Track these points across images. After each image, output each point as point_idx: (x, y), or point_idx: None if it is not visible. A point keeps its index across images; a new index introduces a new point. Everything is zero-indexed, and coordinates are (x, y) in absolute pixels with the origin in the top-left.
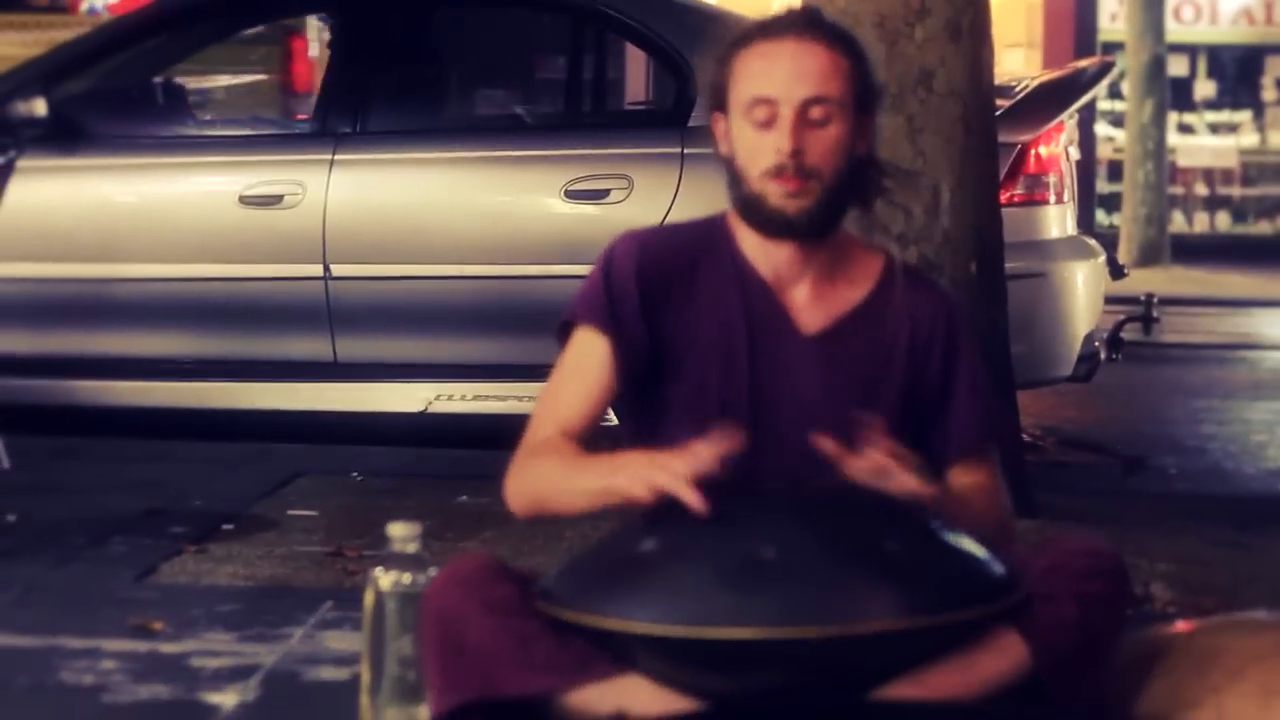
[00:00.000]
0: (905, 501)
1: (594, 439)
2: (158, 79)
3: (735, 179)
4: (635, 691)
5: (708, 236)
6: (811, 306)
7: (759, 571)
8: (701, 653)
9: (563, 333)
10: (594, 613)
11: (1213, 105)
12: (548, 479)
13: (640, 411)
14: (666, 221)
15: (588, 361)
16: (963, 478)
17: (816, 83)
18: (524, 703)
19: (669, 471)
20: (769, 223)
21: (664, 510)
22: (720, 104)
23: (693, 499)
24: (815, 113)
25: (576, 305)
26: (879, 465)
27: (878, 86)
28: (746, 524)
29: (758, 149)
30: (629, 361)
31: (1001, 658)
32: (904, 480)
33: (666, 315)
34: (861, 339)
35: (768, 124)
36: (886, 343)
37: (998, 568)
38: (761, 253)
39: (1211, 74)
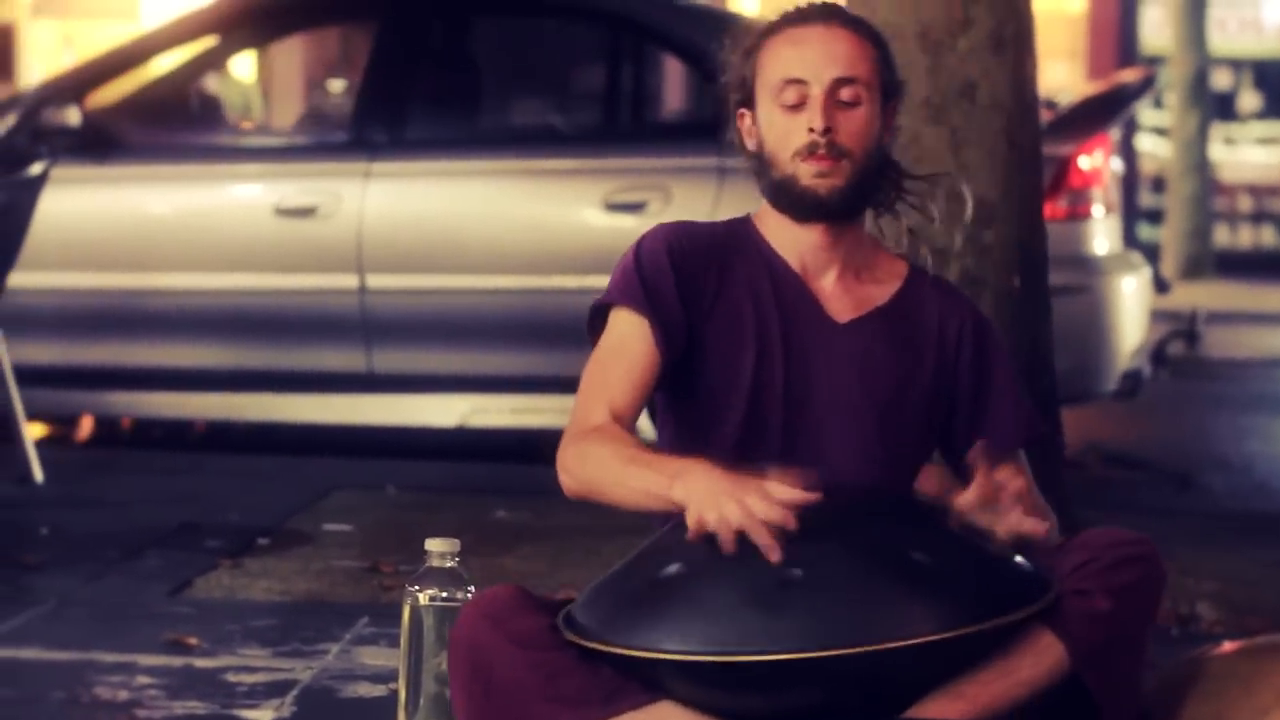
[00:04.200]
0: (928, 505)
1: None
2: (193, 88)
3: (764, 167)
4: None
5: (733, 234)
6: (840, 297)
7: (787, 592)
8: (733, 677)
9: (595, 319)
10: (622, 642)
11: (1258, 118)
12: (603, 467)
13: (673, 399)
14: None
15: (630, 343)
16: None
17: (845, 64)
18: None
19: (743, 509)
20: (800, 203)
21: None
22: (746, 99)
23: (769, 543)
24: (845, 93)
25: (610, 289)
26: (988, 495)
27: (900, 79)
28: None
29: (788, 131)
30: (669, 340)
31: (1039, 659)
32: (1015, 518)
33: (700, 297)
34: (890, 336)
35: (798, 106)
36: (915, 343)
37: (1027, 570)
38: (789, 241)
39: (1256, 86)
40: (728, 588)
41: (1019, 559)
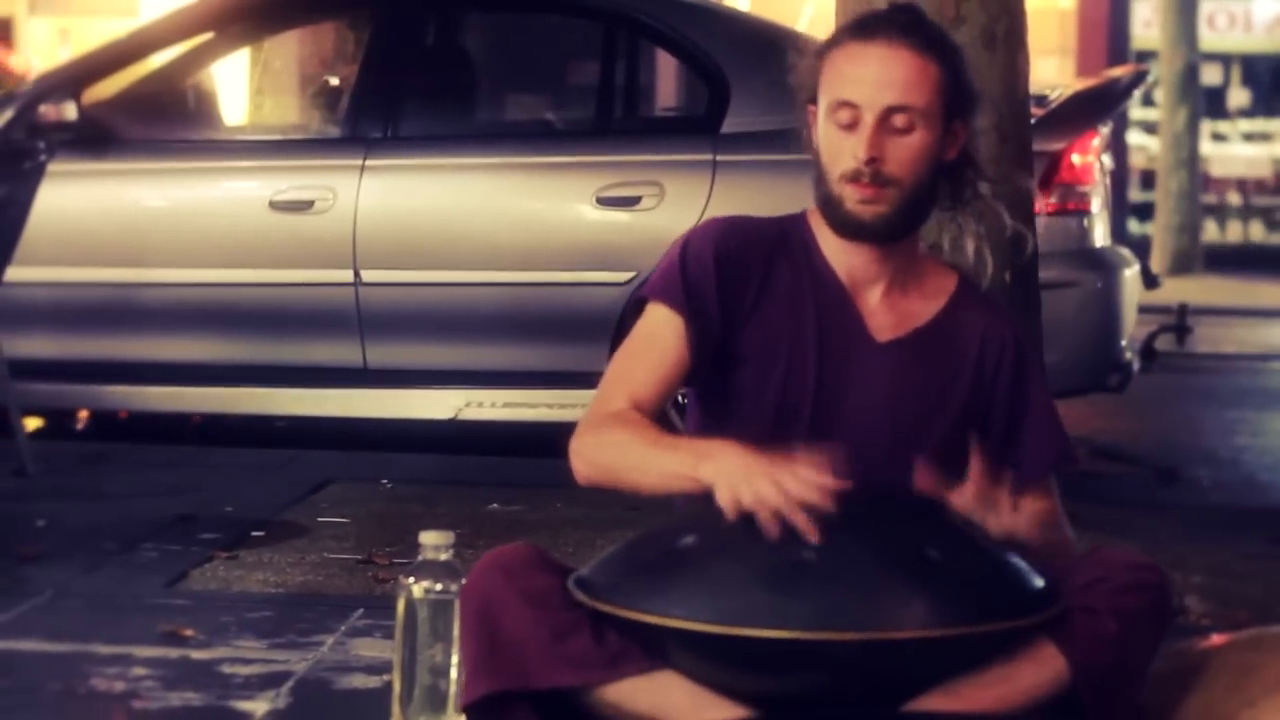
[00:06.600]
0: (949, 509)
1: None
2: (188, 83)
3: (818, 175)
4: (668, 689)
5: (786, 232)
6: (884, 313)
7: (798, 573)
8: (736, 651)
9: (636, 310)
10: (631, 606)
11: (1247, 114)
12: (622, 450)
13: (701, 401)
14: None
15: (661, 339)
16: (1032, 503)
17: (900, 91)
18: (555, 694)
19: (779, 490)
20: (844, 225)
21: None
22: (812, 97)
23: (806, 526)
24: (898, 120)
25: (652, 283)
26: (983, 494)
27: (974, 92)
28: (789, 525)
29: (838, 151)
30: (702, 342)
31: (1040, 670)
32: (1005, 516)
33: (739, 303)
34: (931, 354)
35: (849, 127)
36: (955, 361)
37: (1037, 581)
38: (838, 253)
39: (1245, 82)
40: (740, 563)
41: (1030, 569)
